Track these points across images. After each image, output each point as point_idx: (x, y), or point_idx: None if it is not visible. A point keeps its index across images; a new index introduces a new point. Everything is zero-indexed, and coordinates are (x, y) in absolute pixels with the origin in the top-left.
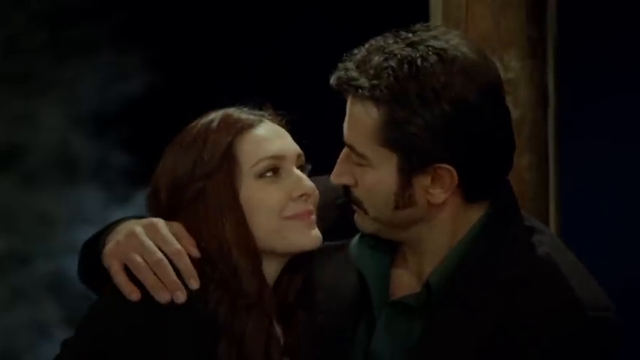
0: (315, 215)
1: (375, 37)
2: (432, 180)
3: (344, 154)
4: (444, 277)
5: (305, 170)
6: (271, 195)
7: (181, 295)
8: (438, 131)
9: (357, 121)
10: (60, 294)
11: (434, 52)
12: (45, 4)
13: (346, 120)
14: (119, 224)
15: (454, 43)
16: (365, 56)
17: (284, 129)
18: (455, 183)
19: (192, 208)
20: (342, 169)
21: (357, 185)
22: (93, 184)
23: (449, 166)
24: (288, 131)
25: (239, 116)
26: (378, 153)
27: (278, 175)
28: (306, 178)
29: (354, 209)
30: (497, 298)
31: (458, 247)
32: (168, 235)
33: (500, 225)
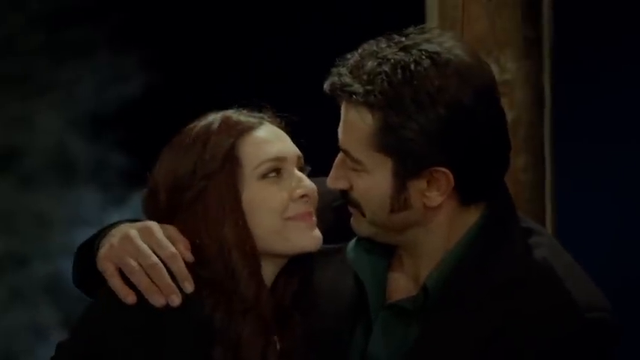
0: (315, 216)
1: (368, 41)
2: (428, 183)
3: (339, 158)
4: (440, 280)
5: (305, 172)
6: (274, 195)
7: (176, 299)
8: (433, 135)
9: (352, 127)
10: (58, 296)
11: (427, 56)
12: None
13: (341, 125)
14: (113, 227)
15: (447, 45)
16: (358, 61)
17: (283, 131)
18: (451, 186)
19: (192, 209)
20: (337, 173)
21: (352, 189)
22: (91, 185)
23: (445, 169)
24: (287, 133)
25: (239, 118)
26: (372, 158)
27: (280, 176)
28: (307, 178)
29: (350, 212)
30: (493, 300)
31: (454, 250)
32: (162, 239)
33: (497, 227)
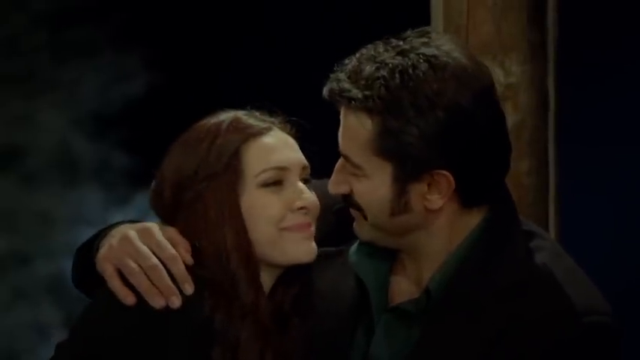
0: (314, 227)
1: (366, 46)
2: (429, 186)
3: (340, 163)
4: (442, 282)
5: (309, 183)
6: (272, 205)
7: (176, 300)
8: (432, 139)
9: (351, 132)
10: (60, 295)
11: (425, 60)
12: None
13: (340, 131)
14: (113, 228)
15: (445, 49)
16: (356, 66)
17: (293, 138)
18: (452, 188)
19: (192, 208)
20: (338, 178)
21: (353, 193)
22: (93, 184)
23: (445, 172)
24: (296, 139)
25: (248, 121)
26: (372, 163)
27: (281, 186)
28: (309, 191)
29: (351, 215)
30: (495, 303)
31: (456, 253)
32: (162, 240)
33: (499, 230)
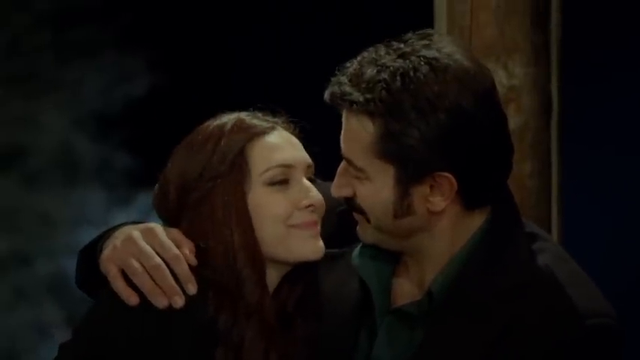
0: (320, 226)
1: (368, 49)
2: (431, 188)
3: (342, 167)
4: (445, 284)
5: (314, 182)
6: (278, 203)
7: (179, 300)
8: (434, 141)
9: (353, 135)
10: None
11: (426, 62)
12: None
13: (342, 134)
14: (117, 229)
15: (446, 51)
16: (357, 69)
17: (296, 137)
18: (454, 190)
19: (198, 209)
20: (341, 181)
21: (356, 196)
22: (95, 185)
23: (447, 174)
24: (300, 139)
25: (252, 122)
26: (375, 165)
27: (286, 184)
28: (315, 189)
29: (355, 217)
30: (497, 305)
31: (459, 255)
32: (165, 240)
33: (501, 232)
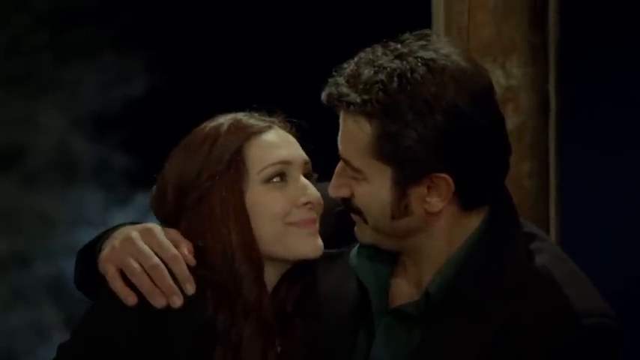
0: (318, 224)
1: (365, 49)
2: (429, 189)
3: (340, 167)
4: (442, 285)
5: (311, 179)
6: (276, 201)
7: (177, 300)
8: (431, 142)
9: (351, 136)
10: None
11: (423, 63)
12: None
13: (340, 135)
14: (115, 230)
15: (443, 52)
16: (355, 70)
17: (293, 136)
18: (451, 191)
19: (196, 209)
20: (338, 182)
21: (354, 197)
22: (94, 185)
23: (445, 175)
24: (297, 139)
25: (249, 121)
26: (372, 166)
27: (284, 182)
28: (312, 186)
29: (352, 218)
30: (495, 305)
31: (456, 255)
32: (164, 241)
33: (498, 232)
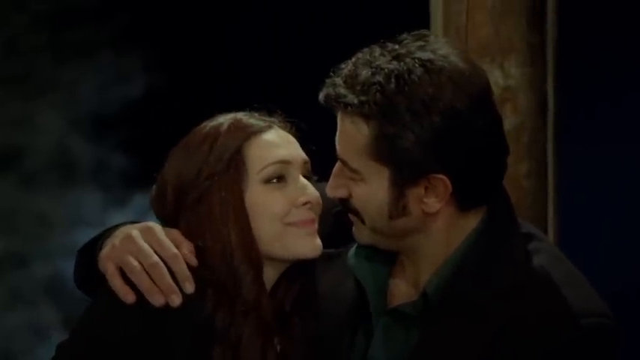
0: (317, 224)
1: (362, 50)
2: (426, 190)
3: (337, 168)
4: (440, 285)
5: (311, 180)
6: (276, 200)
7: (176, 299)
8: (429, 143)
9: (348, 137)
10: (58, 296)
11: (420, 64)
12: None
13: (337, 135)
14: (116, 229)
15: (441, 53)
16: (352, 71)
17: (293, 136)
18: (449, 192)
19: (196, 209)
20: (336, 182)
21: (351, 197)
22: (92, 186)
23: (442, 176)
24: (297, 139)
25: (248, 121)
26: (370, 167)
27: (284, 182)
28: (311, 186)
29: (350, 218)
30: (493, 305)
31: (453, 256)
32: (164, 240)
33: (496, 232)
